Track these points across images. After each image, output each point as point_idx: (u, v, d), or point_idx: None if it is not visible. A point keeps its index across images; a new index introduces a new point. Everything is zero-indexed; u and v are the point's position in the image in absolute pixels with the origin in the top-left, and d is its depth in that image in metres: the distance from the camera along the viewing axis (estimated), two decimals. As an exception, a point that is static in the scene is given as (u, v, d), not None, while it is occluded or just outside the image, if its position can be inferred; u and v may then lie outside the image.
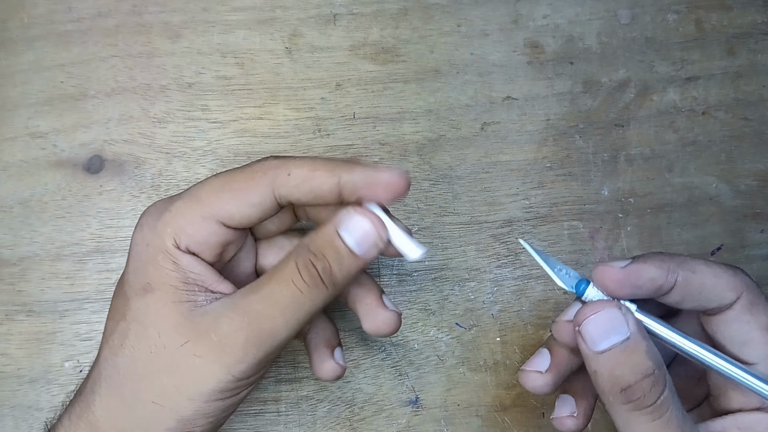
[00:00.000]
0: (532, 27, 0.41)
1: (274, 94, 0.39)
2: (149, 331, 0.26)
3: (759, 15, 0.41)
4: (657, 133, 0.39)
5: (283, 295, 0.25)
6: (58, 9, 0.40)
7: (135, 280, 0.27)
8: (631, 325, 0.25)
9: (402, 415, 0.35)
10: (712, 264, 0.27)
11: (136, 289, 0.26)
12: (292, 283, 0.25)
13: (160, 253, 0.26)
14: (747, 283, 0.27)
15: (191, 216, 0.26)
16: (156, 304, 0.26)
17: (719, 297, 0.27)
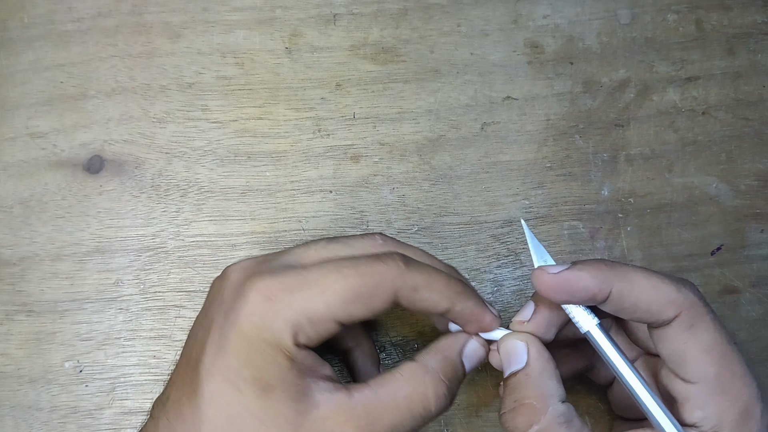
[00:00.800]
0: (532, 27, 0.41)
1: (274, 94, 0.39)
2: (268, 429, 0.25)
3: (759, 15, 0.41)
4: (657, 133, 0.39)
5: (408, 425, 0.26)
6: (58, 9, 0.40)
7: (248, 374, 0.25)
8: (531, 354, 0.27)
9: (402, 415, 0.35)
10: (654, 276, 0.26)
11: (256, 387, 0.25)
12: (424, 413, 0.27)
13: (279, 350, 0.25)
14: (690, 299, 0.26)
15: (314, 316, 0.25)
16: (277, 403, 0.25)
17: (656, 313, 0.26)
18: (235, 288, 0.27)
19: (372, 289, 0.26)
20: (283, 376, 0.25)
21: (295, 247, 0.29)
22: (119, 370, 0.35)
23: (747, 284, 0.37)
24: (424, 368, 0.27)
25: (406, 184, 0.38)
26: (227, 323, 0.26)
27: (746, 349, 0.36)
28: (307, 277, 0.26)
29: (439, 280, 0.27)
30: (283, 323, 0.25)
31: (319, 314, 0.25)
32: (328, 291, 0.26)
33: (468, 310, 0.28)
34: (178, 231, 0.37)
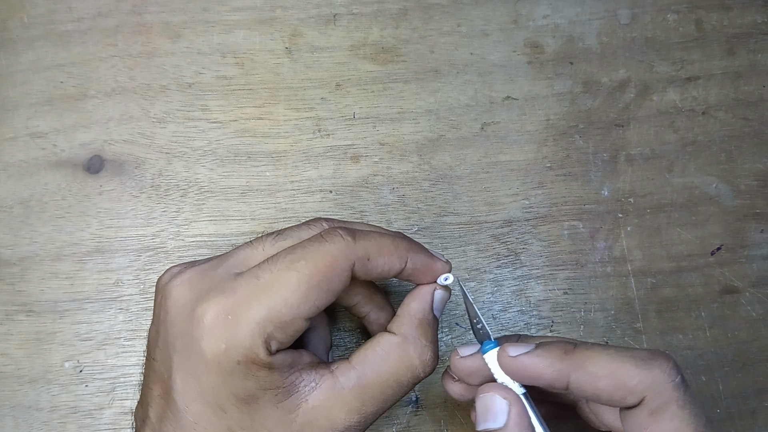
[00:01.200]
0: (532, 27, 0.41)
1: (274, 94, 0.39)
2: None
3: (759, 15, 0.41)
4: (657, 133, 0.39)
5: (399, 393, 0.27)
6: (58, 9, 0.40)
7: (228, 392, 0.25)
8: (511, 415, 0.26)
9: (402, 415, 0.35)
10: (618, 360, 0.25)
11: (238, 401, 0.25)
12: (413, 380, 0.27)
13: (254, 364, 0.25)
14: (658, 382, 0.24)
15: (280, 322, 0.25)
16: (263, 410, 0.25)
17: (618, 400, 0.25)
18: (187, 310, 0.26)
19: (328, 273, 0.25)
20: (264, 385, 0.25)
21: (239, 249, 0.28)
22: (119, 370, 0.35)
23: (747, 284, 0.37)
24: (404, 339, 0.27)
25: (406, 184, 0.38)
26: (191, 351, 0.25)
27: (746, 349, 0.36)
28: (261, 284, 0.25)
29: (387, 242, 0.27)
30: (251, 339, 0.24)
31: (284, 318, 0.25)
32: (286, 292, 0.25)
33: (420, 262, 0.28)
34: (178, 231, 0.37)
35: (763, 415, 0.35)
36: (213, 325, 0.25)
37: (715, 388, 0.36)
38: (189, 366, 0.25)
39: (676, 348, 0.36)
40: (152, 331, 0.28)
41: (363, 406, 0.26)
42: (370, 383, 0.26)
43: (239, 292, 0.25)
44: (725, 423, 0.35)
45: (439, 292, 0.29)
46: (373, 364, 0.27)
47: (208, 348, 0.24)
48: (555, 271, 0.37)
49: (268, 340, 0.25)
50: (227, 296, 0.25)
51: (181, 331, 0.26)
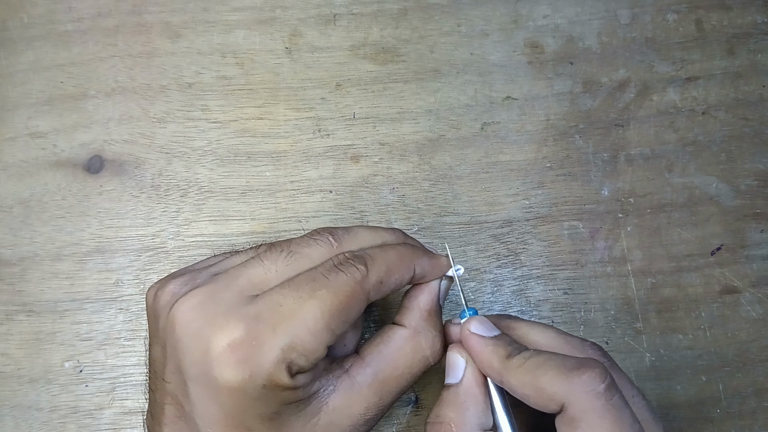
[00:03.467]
0: (532, 27, 0.41)
1: (274, 94, 0.39)
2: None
3: (759, 15, 0.41)
4: (657, 133, 0.39)
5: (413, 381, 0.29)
6: (58, 9, 0.40)
7: (252, 414, 0.25)
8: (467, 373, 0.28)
9: (402, 415, 0.35)
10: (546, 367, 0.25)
11: (263, 419, 0.25)
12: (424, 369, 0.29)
13: (277, 387, 0.24)
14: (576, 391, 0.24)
15: (304, 349, 0.25)
16: (287, 421, 0.26)
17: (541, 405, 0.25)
18: (202, 338, 0.25)
19: (348, 304, 0.26)
20: (286, 401, 0.25)
21: (247, 268, 0.27)
22: (119, 370, 0.35)
23: (747, 284, 0.37)
24: (415, 332, 0.29)
25: (406, 184, 0.38)
26: (211, 379, 0.24)
27: (746, 349, 0.36)
28: (284, 311, 0.25)
29: (394, 260, 0.28)
30: (276, 366, 0.24)
31: (308, 346, 0.25)
32: (309, 321, 0.25)
33: (426, 265, 0.29)
34: (178, 231, 0.37)
35: (763, 415, 0.35)
36: (234, 353, 0.24)
37: (715, 388, 0.36)
38: (210, 393, 0.25)
39: (676, 348, 0.36)
40: (156, 350, 0.27)
41: (381, 400, 0.27)
42: (386, 378, 0.27)
43: (261, 318, 0.25)
44: (725, 423, 0.35)
45: (445, 283, 0.30)
46: (387, 358, 0.28)
47: (232, 376, 0.24)
48: (555, 271, 0.37)
49: (290, 366, 0.24)
50: (248, 323, 0.24)
51: (197, 359, 0.25)
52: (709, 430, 0.35)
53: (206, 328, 0.25)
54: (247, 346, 0.24)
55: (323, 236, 0.28)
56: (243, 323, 0.24)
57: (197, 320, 0.25)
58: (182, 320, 0.25)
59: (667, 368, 0.36)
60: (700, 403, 0.35)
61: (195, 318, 0.25)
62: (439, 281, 0.30)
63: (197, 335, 0.25)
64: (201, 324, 0.25)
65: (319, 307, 0.25)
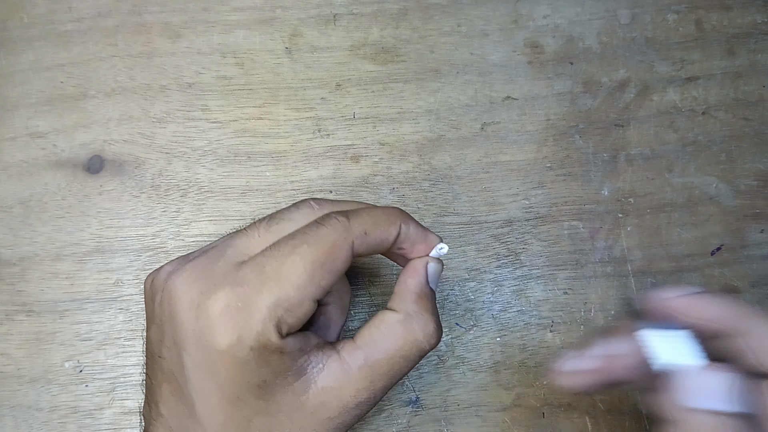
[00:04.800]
0: (532, 27, 0.41)
1: (274, 94, 0.39)
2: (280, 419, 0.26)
3: (759, 15, 0.41)
4: (657, 133, 0.39)
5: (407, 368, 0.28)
6: (58, 9, 0.40)
7: (243, 381, 0.26)
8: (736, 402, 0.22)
9: (402, 415, 0.35)
10: None
11: (254, 388, 0.26)
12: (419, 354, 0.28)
13: (267, 350, 0.25)
14: None
15: (290, 305, 0.25)
16: (277, 395, 0.26)
17: None
18: (194, 306, 0.26)
19: (331, 254, 0.26)
20: (275, 370, 0.26)
21: (233, 238, 0.28)
22: (119, 370, 0.35)
23: (747, 284, 0.37)
24: (406, 315, 0.28)
25: (406, 184, 0.38)
26: (203, 347, 0.25)
27: (746, 349, 0.36)
28: (267, 272, 0.26)
29: (379, 214, 0.28)
30: (262, 324, 0.25)
31: (293, 301, 0.25)
32: (292, 276, 0.25)
33: (413, 231, 0.29)
34: (178, 231, 0.37)
35: (763, 415, 0.35)
36: (224, 317, 0.25)
37: (715, 388, 0.36)
38: (202, 362, 0.26)
39: (676, 348, 0.36)
40: (153, 330, 0.28)
41: (372, 384, 0.27)
42: (377, 362, 0.27)
43: (247, 281, 0.25)
44: (725, 423, 0.35)
45: (432, 265, 0.30)
46: (378, 342, 0.27)
47: (222, 339, 0.25)
48: (555, 271, 0.37)
49: (279, 324, 0.25)
50: (235, 287, 0.25)
51: (191, 327, 0.26)
52: (709, 430, 0.35)
53: (197, 297, 0.26)
54: (235, 309, 0.25)
55: (306, 202, 0.29)
56: (230, 288, 0.25)
57: (190, 291, 0.26)
58: (176, 293, 0.27)
59: (667, 368, 0.36)
60: None
61: (188, 289, 0.26)
62: (425, 263, 0.29)
63: (190, 304, 0.26)
64: (194, 294, 0.26)
65: (301, 261, 0.25)
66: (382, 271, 0.37)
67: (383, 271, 0.37)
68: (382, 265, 0.37)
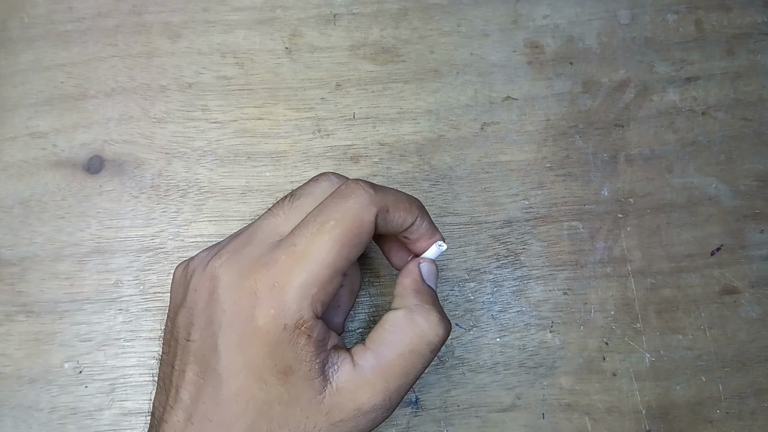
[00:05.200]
0: (532, 27, 0.41)
1: (274, 94, 0.39)
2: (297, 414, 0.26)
3: (759, 15, 0.41)
4: (657, 134, 0.39)
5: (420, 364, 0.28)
6: (58, 9, 0.40)
7: (271, 363, 0.26)
8: None
9: (402, 416, 0.35)
10: None
11: (278, 373, 0.26)
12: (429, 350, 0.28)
13: (298, 329, 0.26)
14: None
15: (322, 282, 0.26)
16: (297, 384, 0.26)
17: None
18: (234, 288, 0.27)
19: (357, 227, 0.27)
20: (300, 356, 0.26)
21: (262, 221, 0.29)
22: (119, 371, 0.35)
23: (746, 284, 0.37)
24: (408, 309, 0.28)
25: (405, 184, 0.38)
26: (239, 324, 0.26)
27: (746, 350, 0.36)
28: (299, 251, 0.26)
29: (403, 198, 0.29)
30: (298, 302, 0.26)
31: (325, 277, 0.26)
32: (322, 253, 0.26)
33: (425, 225, 0.30)
34: (178, 231, 0.37)
35: (762, 415, 0.35)
36: (261, 296, 0.26)
37: (715, 389, 0.36)
38: (236, 338, 0.26)
39: (676, 348, 0.36)
40: (182, 315, 0.28)
41: (387, 384, 0.27)
42: (389, 361, 0.27)
43: (280, 262, 0.26)
44: (725, 423, 0.35)
45: (425, 265, 0.30)
46: (387, 341, 0.28)
47: (260, 316, 0.26)
48: (555, 272, 0.37)
49: (314, 302, 0.26)
50: (270, 268, 0.26)
51: (229, 307, 0.27)
52: (708, 430, 0.35)
53: (236, 279, 0.27)
54: (271, 289, 0.26)
55: (326, 175, 0.30)
56: (266, 269, 0.26)
57: (229, 273, 0.27)
58: (216, 274, 0.27)
59: (667, 369, 0.36)
60: (700, 404, 0.35)
61: (226, 271, 0.27)
62: (417, 263, 0.30)
63: (229, 285, 0.27)
64: (233, 276, 0.27)
65: (329, 238, 0.26)
66: (382, 272, 0.37)
67: (383, 271, 0.37)
68: (382, 266, 0.37)
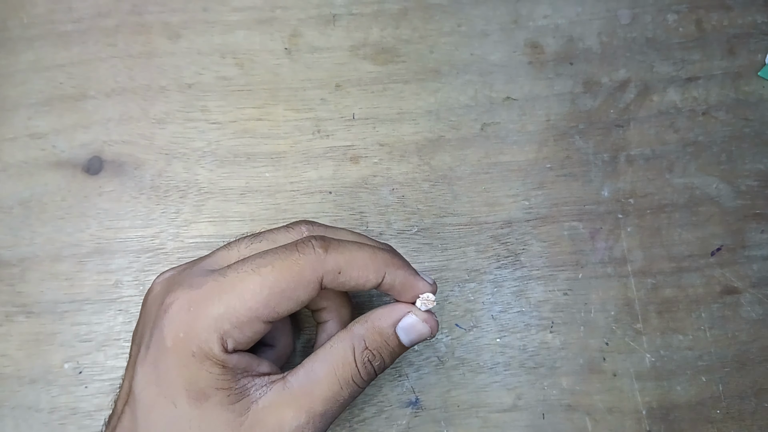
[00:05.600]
0: (533, 27, 0.40)
1: (274, 95, 0.39)
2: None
3: (759, 15, 0.41)
4: (657, 134, 0.39)
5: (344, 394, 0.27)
6: (58, 9, 0.40)
7: (180, 385, 0.25)
8: None
9: (402, 416, 0.35)
10: None
11: (189, 397, 0.25)
12: (352, 381, 0.27)
13: (208, 359, 0.25)
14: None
15: (238, 321, 0.25)
16: (214, 410, 0.25)
17: None
18: (159, 301, 0.27)
19: (293, 282, 0.25)
20: (216, 384, 0.25)
21: (217, 250, 0.29)
22: (119, 371, 0.35)
23: (747, 285, 0.37)
24: (351, 334, 0.27)
25: (405, 184, 0.38)
26: (154, 339, 0.26)
27: (746, 350, 0.36)
28: (224, 283, 0.25)
29: (363, 255, 0.27)
30: (207, 333, 0.25)
31: (242, 318, 0.25)
32: (247, 293, 0.25)
33: (400, 279, 0.27)
34: (178, 232, 0.37)
35: (763, 415, 0.35)
36: (176, 314, 0.25)
37: (715, 389, 0.36)
38: (150, 354, 0.26)
39: (677, 349, 0.36)
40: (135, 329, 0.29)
41: (311, 404, 0.26)
42: (317, 378, 0.26)
43: (204, 287, 0.26)
44: (725, 424, 0.35)
45: (411, 317, 0.28)
46: (320, 359, 0.27)
47: (168, 334, 0.25)
48: (555, 272, 0.37)
49: (224, 337, 0.25)
50: (192, 290, 0.26)
51: (150, 321, 0.27)
52: (709, 430, 0.35)
53: (161, 293, 0.27)
54: (185, 311, 0.25)
55: (298, 225, 0.29)
56: (188, 290, 0.26)
57: (162, 291, 0.28)
58: (152, 292, 0.28)
59: (668, 369, 0.36)
60: (700, 404, 0.35)
61: (161, 290, 0.28)
62: (407, 308, 0.28)
63: (155, 299, 0.27)
64: (162, 291, 0.27)
65: (260, 281, 0.25)
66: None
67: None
68: (382, 266, 0.37)
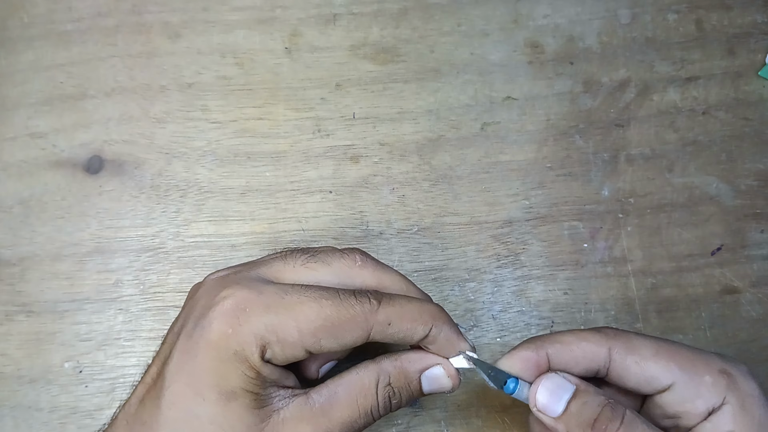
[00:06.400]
0: (533, 27, 0.40)
1: (274, 94, 0.39)
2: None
3: (759, 15, 0.41)
4: (657, 133, 0.39)
5: (360, 422, 0.27)
6: (58, 9, 0.40)
7: (212, 380, 0.26)
8: (572, 379, 0.27)
9: (402, 416, 0.35)
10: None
11: (219, 393, 0.25)
12: (369, 412, 0.27)
13: (246, 362, 0.25)
14: None
15: (284, 339, 0.26)
16: (238, 410, 0.26)
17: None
18: (211, 294, 0.27)
19: (345, 323, 0.26)
20: (246, 386, 0.26)
21: (272, 259, 0.29)
22: (119, 370, 0.35)
23: (747, 284, 0.37)
24: (378, 367, 0.28)
25: (406, 184, 0.38)
26: (197, 328, 0.26)
27: (746, 349, 0.36)
28: (284, 298, 0.26)
29: (412, 309, 0.28)
30: (252, 337, 0.25)
31: (289, 338, 0.26)
32: (302, 317, 0.26)
33: (444, 334, 0.28)
34: (178, 231, 0.37)
35: (763, 415, 0.35)
36: (227, 310, 0.26)
37: (715, 389, 0.36)
38: (191, 344, 0.26)
39: (677, 348, 0.36)
40: (176, 317, 0.29)
41: (329, 425, 0.26)
42: (338, 401, 0.27)
43: (263, 295, 0.26)
44: (725, 423, 0.35)
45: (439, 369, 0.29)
46: (344, 383, 0.27)
47: (217, 327, 0.26)
48: (555, 272, 0.37)
49: (265, 347, 0.26)
50: (251, 292, 0.26)
51: (199, 312, 0.27)
52: (709, 430, 0.35)
53: (217, 289, 0.27)
54: (239, 310, 0.26)
55: (352, 253, 0.29)
56: (247, 291, 0.26)
57: (216, 286, 0.27)
58: (206, 285, 0.28)
59: (668, 368, 0.36)
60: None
61: (215, 284, 0.28)
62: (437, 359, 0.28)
63: (209, 292, 0.27)
64: (216, 286, 0.27)
65: (317, 312, 0.26)
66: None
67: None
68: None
